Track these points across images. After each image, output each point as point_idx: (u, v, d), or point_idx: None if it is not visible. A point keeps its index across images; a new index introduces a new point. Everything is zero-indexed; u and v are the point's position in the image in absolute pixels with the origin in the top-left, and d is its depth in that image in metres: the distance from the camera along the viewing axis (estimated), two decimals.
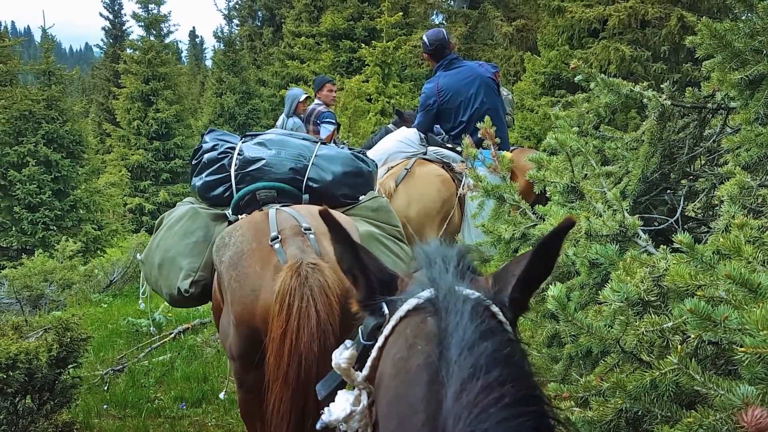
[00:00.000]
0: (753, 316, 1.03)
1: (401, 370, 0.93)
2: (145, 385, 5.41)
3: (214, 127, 8.10)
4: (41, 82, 14.91)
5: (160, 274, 3.14)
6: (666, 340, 1.46)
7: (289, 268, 2.40)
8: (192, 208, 3.25)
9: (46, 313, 7.96)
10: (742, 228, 1.52)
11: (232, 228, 2.83)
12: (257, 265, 2.56)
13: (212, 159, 3.36)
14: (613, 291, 1.51)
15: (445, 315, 0.92)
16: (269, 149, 3.32)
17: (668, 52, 13.20)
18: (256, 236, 2.67)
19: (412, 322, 0.98)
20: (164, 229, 3.26)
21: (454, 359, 0.84)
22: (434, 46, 5.37)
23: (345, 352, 1.14)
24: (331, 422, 1.14)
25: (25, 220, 13.66)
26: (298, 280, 2.35)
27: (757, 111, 2.36)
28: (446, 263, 1.04)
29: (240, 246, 2.67)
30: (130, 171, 19.77)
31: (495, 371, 0.82)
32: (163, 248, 3.15)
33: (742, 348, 1.07)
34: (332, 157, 3.38)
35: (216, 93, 26.25)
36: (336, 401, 1.13)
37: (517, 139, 14.60)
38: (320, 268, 2.42)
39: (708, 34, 2.38)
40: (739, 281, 1.20)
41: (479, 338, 0.86)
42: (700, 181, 2.68)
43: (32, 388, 2.83)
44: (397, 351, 0.97)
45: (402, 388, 0.92)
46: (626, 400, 1.39)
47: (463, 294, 0.96)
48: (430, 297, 0.98)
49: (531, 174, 2.38)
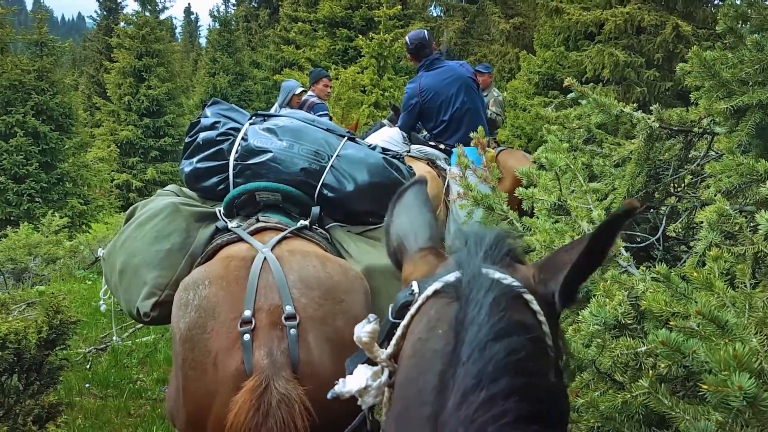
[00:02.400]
0: (716, 356, 1.11)
1: (418, 351, 0.92)
2: (128, 365, 5.46)
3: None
4: (33, 52, 14.76)
5: (120, 282, 2.51)
6: (639, 362, 1.55)
7: (249, 393, 1.84)
8: (171, 204, 2.60)
9: (29, 287, 7.96)
10: (717, 260, 1.61)
11: (200, 278, 2.16)
12: (218, 357, 1.98)
13: (208, 140, 2.75)
14: (591, 315, 1.59)
15: (464, 305, 0.88)
16: (280, 139, 2.70)
17: (662, 59, 13.34)
18: (224, 306, 2.05)
19: (437, 303, 0.95)
20: (134, 225, 2.60)
21: (463, 360, 0.81)
22: (414, 45, 5.46)
23: (367, 326, 1.08)
24: (342, 393, 1.10)
25: (10, 191, 13.59)
26: (255, 419, 1.81)
27: (741, 140, 2.45)
28: (479, 246, 1.00)
29: (202, 316, 2.04)
30: (118, 147, 19.68)
31: (502, 381, 0.78)
32: (128, 251, 2.52)
33: (704, 385, 1.14)
34: (359, 160, 2.73)
35: (209, 72, 26.14)
36: (354, 374, 1.10)
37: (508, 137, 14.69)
38: (290, 401, 1.84)
39: (698, 63, 2.46)
40: (708, 317, 1.29)
41: (493, 338, 0.82)
42: (683, 202, 2.78)
43: (20, 368, 2.87)
44: (419, 331, 0.95)
45: (414, 371, 0.90)
46: (598, 419, 1.47)
47: (490, 280, 0.92)
48: (455, 281, 0.94)
49: (520, 191, 2.46)
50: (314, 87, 7.73)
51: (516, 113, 14.87)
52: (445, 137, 5.29)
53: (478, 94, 5.49)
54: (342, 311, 2.10)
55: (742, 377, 1.05)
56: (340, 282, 2.20)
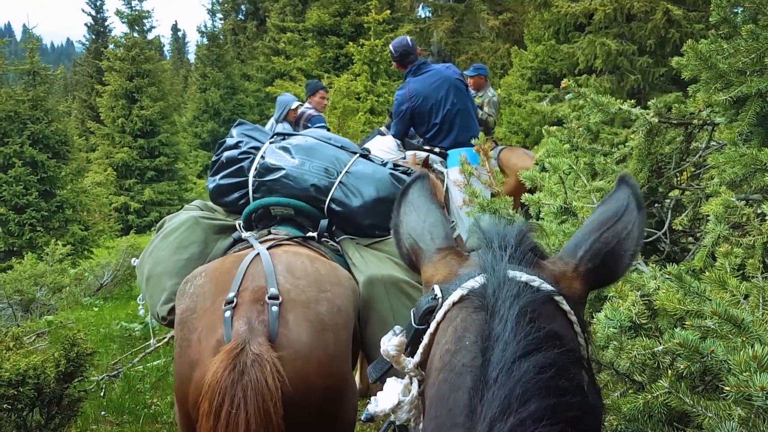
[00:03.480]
0: (737, 358, 1.12)
1: (447, 365, 0.90)
2: (141, 390, 5.46)
3: (205, 120, 6.81)
4: (26, 82, 14.77)
5: (146, 289, 2.76)
6: (657, 361, 1.56)
7: (225, 354, 1.94)
8: (192, 218, 2.82)
9: (37, 317, 7.97)
10: (727, 256, 1.62)
11: (198, 272, 2.40)
12: (202, 332, 2.13)
13: (231, 159, 2.96)
14: (606, 318, 1.60)
15: (490, 318, 0.86)
16: (293, 157, 2.88)
17: (654, 45, 13.35)
18: (214, 292, 2.22)
19: (463, 310, 0.93)
20: (160, 237, 2.86)
21: (491, 380, 0.79)
22: (399, 52, 5.49)
23: (394, 338, 1.06)
24: (377, 413, 1.09)
25: (12, 222, 13.57)
26: (231, 376, 1.89)
27: (742, 130, 2.47)
28: (503, 246, 0.98)
29: (194, 300, 2.24)
30: (115, 169, 19.67)
31: (532, 404, 0.75)
32: (153, 260, 2.76)
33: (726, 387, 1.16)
34: (366, 176, 2.87)
35: (200, 88, 26.20)
36: (384, 390, 1.07)
37: (504, 134, 14.72)
38: (262, 360, 1.93)
39: (693, 56, 2.47)
40: (724, 317, 1.30)
41: (521, 356, 0.80)
42: (687, 194, 2.79)
43: (41, 402, 2.89)
44: (446, 341, 0.93)
45: (445, 388, 0.88)
46: (621, 421, 1.49)
47: (517, 285, 0.90)
48: (481, 288, 0.93)
49: (526, 197, 2.48)
50: (311, 99, 7.74)
51: (511, 109, 14.90)
52: (438, 140, 5.32)
53: (467, 94, 5.52)
54: (326, 299, 2.23)
55: (763, 378, 1.07)
56: (327, 275, 2.34)
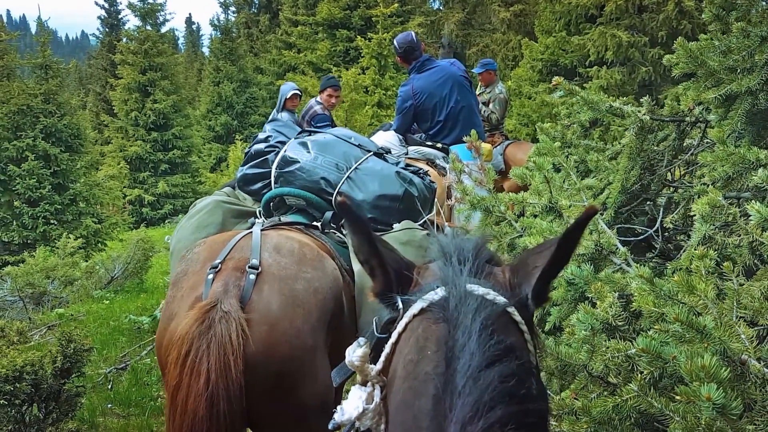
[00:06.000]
0: (687, 367, 1.12)
1: (410, 374, 0.94)
2: (148, 383, 5.52)
3: (215, 116, 7.00)
4: (38, 75, 14.92)
5: (171, 263, 3.00)
6: (632, 364, 1.56)
7: (198, 309, 2.11)
8: (214, 201, 3.08)
9: (49, 310, 8.09)
10: (702, 259, 1.61)
11: (199, 242, 2.63)
12: (186, 291, 2.32)
13: (258, 151, 3.24)
14: (579, 321, 1.60)
15: (453, 330, 0.90)
16: (308, 152, 3.10)
17: (666, 37, 13.19)
18: (204, 258, 2.41)
19: (424, 321, 0.97)
20: (187, 217, 3.12)
21: (458, 389, 0.84)
22: (403, 48, 5.45)
23: (358, 350, 1.10)
24: (343, 422, 1.11)
25: (25, 215, 13.77)
26: (199, 329, 2.05)
27: (733, 127, 2.45)
28: (461, 260, 1.02)
29: (188, 265, 2.45)
30: (128, 162, 19.85)
31: (499, 409, 0.81)
32: (177, 237, 3.01)
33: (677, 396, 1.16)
34: (374, 173, 3.05)
35: (213, 82, 26.26)
36: (349, 399, 1.10)
37: (515, 126, 14.63)
38: (230, 318, 2.07)
39: (684, 54, 2.45)
40: (686, 323, 1.30)
41: (486, 366, 0.85)
42: (679, 192, 2.77)
43: (38, 398, 2.94)
44: (408, 351, 0.97)
45: (409, 395, 0.92)
46: (591, 424, 1.49)
47: (476, 299, 0.94)
48: (442, 300, 0.97)
49: (511, 196, 2.48)
50: (320, 95, 7.74)
51: (522, 101, 14.80)
52: (441, 137, 5.31)
53: (471, 91, 5.49)
54: (304, 279, 2.35)
55: (710, 388, 1.07)
56: (311, 259, 2.46)
